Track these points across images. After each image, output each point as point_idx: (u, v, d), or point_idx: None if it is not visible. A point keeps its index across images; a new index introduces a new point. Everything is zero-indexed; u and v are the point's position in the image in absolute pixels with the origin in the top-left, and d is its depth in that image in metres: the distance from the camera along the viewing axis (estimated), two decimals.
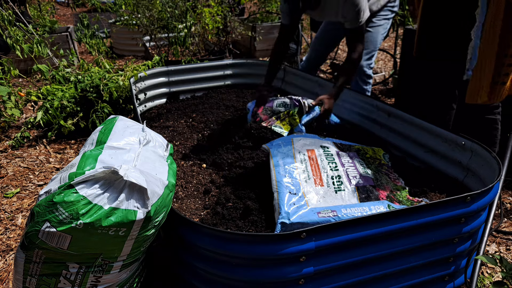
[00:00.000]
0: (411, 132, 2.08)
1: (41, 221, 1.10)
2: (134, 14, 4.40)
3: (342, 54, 5.34)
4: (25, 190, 2.40)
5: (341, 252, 1.28)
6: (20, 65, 4.38)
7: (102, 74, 3.01)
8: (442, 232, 1.38)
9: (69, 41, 4.76)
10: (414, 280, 1.44)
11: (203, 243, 1.27)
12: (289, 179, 1.59)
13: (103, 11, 5.35)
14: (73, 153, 2.83)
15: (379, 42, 2.70)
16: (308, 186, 1.55)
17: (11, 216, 2.16)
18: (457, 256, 1.47)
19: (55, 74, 3.11)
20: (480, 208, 1.39)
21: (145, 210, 1.16)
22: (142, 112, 2.96)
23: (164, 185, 1.25)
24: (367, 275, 1.35)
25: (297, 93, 3.06)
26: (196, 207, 1.79)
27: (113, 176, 1.13)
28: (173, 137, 2.46)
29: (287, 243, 1.19)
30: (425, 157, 2.00)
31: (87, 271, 1.21)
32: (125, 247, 1.21)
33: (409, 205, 1.51)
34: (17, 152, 2.84)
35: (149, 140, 1.44)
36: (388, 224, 1.28)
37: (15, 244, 1.95)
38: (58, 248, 1.13)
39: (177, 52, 4.21)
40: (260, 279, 1.24)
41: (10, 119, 3.17)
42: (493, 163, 1.56)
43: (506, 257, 1.82)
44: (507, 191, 2.26)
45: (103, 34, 5.93)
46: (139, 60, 5.23)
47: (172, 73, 3.14)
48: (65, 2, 10.03)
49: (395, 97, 3.70)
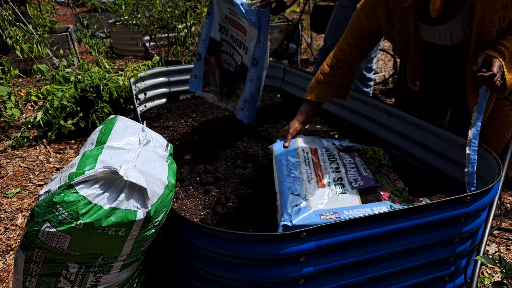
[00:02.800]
0: (411, 132, 2.08)
1: (41, 221, 1.11)
2: (134, 14, 4.40)
3: None
4: (25, 190, 2.40)
5: (341, 252, 1.28)
6: (20, 65, 4.38)
7: (102, 74, 3.01)
8: (442, 232, 1.38)
9: (69, 41, 4.76)
10: (414, 280, 1.44)
11: (203, 243, 1.27)
12: (292, 179, 1.59)
13: (103, 11, 5.35)
14: (73, 153, 2.83)
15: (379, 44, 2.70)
16: (311, 187, 1.55)
17: (11, 216, 2.16)
18: (457, 256, 1.47)
19: (55, 74, 3.11)
20: (480, 208, 1.39)
21: (145, 210, 1.16)
22: (142, 112, 2.96)
23: (164, 185, 1.25)
24: (367, 275, 1.35)
25: (297, 93, 3.06)
26: (196, 207, 1.79)
27: (113, 176, 1.13)
28: (173, 137, 2.46)
29: (287, 243, 1.19)
30: (425, 157, 2.00)
31: (87, 271, 1.21)
32: (125, 247, 1.21)
33: (410, 206, 1.51)
34: (17, 152, 2.84)
35: (149, 140, 1.44)
36: (388, 224, 1.28)
37: (15, 244, 1.95)
38: (58, 248, 1.13)
39: (177, 52, 4.21)
40: (260, 279, 1.25)
41: (10, 119, 3.17)
42: (493, 163, 1.56)
43: (506, 257, 1.82)
44: (507, 191, 2.26)
45: (103, 34, 5.93)
46: (139, 60, 5.23)
47: (172, 73, 3.14)
48: (65, 2, 10.03)
49: (395, 97, 3.70)
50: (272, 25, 5.31)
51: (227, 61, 2.39)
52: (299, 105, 2.08)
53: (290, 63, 4.87)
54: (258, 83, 2.21)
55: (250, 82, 2.20)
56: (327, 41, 3.16)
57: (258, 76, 2.20)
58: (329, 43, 3.12)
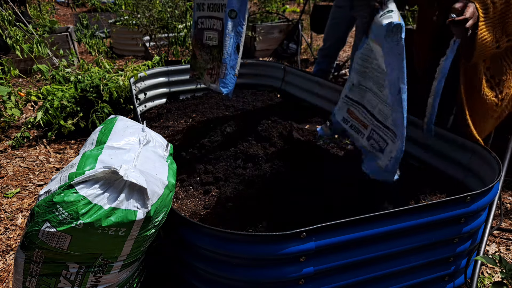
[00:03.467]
0: (411, 132, 2.08)
1: (41, 221, 1.11)
2: (134, 14, 4.40)
3: (342, 54, 5.34)
4: (25, 190, 2.40)
5: (341, 252, 1.28)
6: (20, 65, 4.37)
7: (102, 74, 3.01)
8: (442, 232, 1.38)
9: (69, 41, 4.76)
10: (414, 280, 1.44)
11: (203, 243, 1.27)
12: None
13: (103, 11, 5.34)
14: (73, 153, 2.83)
15: None
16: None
17: (11, 216, 2.16)
18: (457, 256, 1.47)
19: (55, 74, 3.11)
20: (480, 208, 1.39)
21: (145, 210, 1.16)
22: (142, 112, 2.96)
23: (164, 185, 1.25)
24: (367, 275, 1.35)
25: (297, 93, 3.07)
26: (196, 207, 1.79)
27: (113, 176, 1.13)
28: (173, 137, 2.46)
29: (287, 243, 1.19)
30: (425, 157, 2.00)
31: (87, 271, 1.21)
32: (125, 247, 1.21)
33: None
34: (17, 152, 2.84)
35: (149, 140, 1.44)
36: (388, 224, 1.28)
37: (15, 244, 1.95)
38: (58, 248, 1.13)
39: (177, 52, 4.21)
40: (260, 279, 1.25)
41: (10, 119, 3.16)
42: (493, 163, 1.57)
43: (506, 257, 1.82)
44: (507, 191, 2.26)
45: (103, 34, 5.92)
46: (139, 60, 5.23)
47: (172, 73, 3.14)
48: (65, 2, 10.02)
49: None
50: (272, 25, 5.31)
51: (209, 36, 2.24)
52: (299, 105, 2.07)
53: (290, 63, 4.87)
54: (237, 39, 2.02)
55: (227, 38, 2.01)
56: (326, 41, 3.16)
57: (237, 30, 2.00)
58: (328, 44, 3.13)
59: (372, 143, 1.72)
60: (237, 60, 2.06)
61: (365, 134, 1.77)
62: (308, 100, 2.93)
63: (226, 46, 2.03)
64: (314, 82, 2.89)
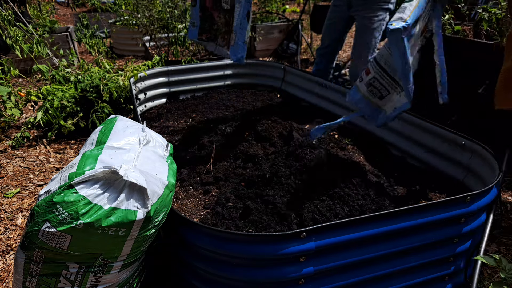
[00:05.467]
0: (411, 132, 2.08)
1: (41, 221, 1.11)
2: (134, 14, 4.40)
3: (342, 54, 5.34)
4: (25, 190, 2.40)
5: (341, 252, 1.28)
6: (20, 65, 4.37)
7: (102, 74, 3.01)
8: (442, 232, 1.38)
9: (69, 41, 4.76)
10: (414, 280, 1.44)
11: (203, 243, 1.27)
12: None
13: (103, 11, 5.35)
14: (73, 153, 2.83)
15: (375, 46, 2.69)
16: None
17: (11, 216, 2.16)
18: (457, 256, 1.47)
19: (55, 74, 3.11)
20: (480, 208, 1.39)
21: (145, 210, 1.16)
22: (142, 112, 2.96)
23: (164, 185, 1.25)
24: (367, 275, 1.35)
25: (297, 93, 3.06)
26: (196, 207, 1.79)
27: (113, 176, 1.13)
28: (173, 137, 2.46)
29: (287, 243, 1.19)
30: (425, 157, 2.00)
31: (87, 271, 1.21)
32: (125, 247, 1.21)
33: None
34: (17, 152, 2.84)
35: (149, 140, 1.44)
36: (388, 224, 1.28)
37: (15, 244, 1.95)
38: (58, 248, 1.13)
39: (177, 52, 4.21)
40: (260, 279, 1.25)
41: (10, 119, 3.16)
42: (493, 163, 1.57)
43: (506, 257, 1.82)
44: (507, 191, 2.26)
45: (103, 34, 5.92)
46: (139, 60, 5.23)
47: (172, 73, 3.14)
48: (65, 2, 10.02)
49: None
50: (272, 25, 5.31)
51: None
52: (299, 105, 2.07)
53: (290, 63, 4.87)
54: (248, 5, 2.05)
55: (238, 4, 2.06)
56: (323, 41, 3.13)
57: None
58: (325, 43, 3.10)
59: (371, 89, 1.88)
60: (247, 28, 2.11)
61: (365, 80, 1.91)
62: (308, 100, 2.93)
63: (237, 13, 2.08)
64: (314, 82, 2.89)
